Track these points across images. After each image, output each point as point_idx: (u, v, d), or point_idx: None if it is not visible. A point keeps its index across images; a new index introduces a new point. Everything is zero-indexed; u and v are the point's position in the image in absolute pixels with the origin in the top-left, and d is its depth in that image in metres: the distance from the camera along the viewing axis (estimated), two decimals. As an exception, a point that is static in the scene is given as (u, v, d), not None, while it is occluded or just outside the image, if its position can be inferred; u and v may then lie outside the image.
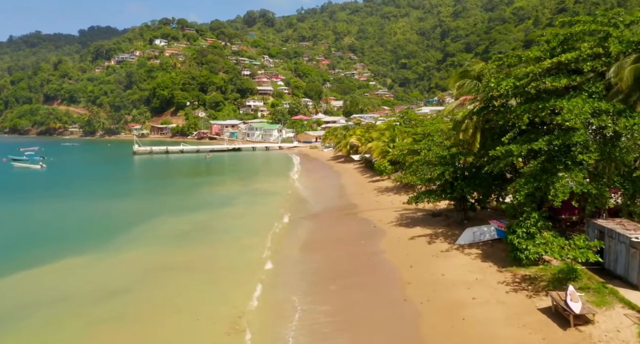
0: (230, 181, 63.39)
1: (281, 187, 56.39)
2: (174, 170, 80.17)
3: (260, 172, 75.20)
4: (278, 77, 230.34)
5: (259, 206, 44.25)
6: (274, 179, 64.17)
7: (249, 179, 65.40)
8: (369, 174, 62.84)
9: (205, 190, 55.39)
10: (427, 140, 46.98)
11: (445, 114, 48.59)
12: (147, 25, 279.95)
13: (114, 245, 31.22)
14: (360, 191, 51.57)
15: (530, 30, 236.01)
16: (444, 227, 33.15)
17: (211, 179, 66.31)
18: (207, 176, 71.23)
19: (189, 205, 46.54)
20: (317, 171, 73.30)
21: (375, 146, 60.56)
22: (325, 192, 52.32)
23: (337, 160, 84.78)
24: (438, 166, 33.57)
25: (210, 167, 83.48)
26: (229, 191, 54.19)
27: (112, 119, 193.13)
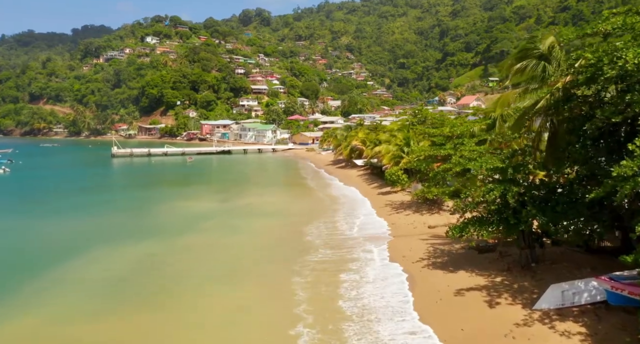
0: (209, 192, 52.37)
1: (269, 203, 45.37)
2: (149, 177, 68.96)
3: (249, 181, 64.13)
4: (273, 76, 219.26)
5: (239, 236, 33.14)
6: (264, 191, 53.17)
7: (234, 190, 54.37)
8: (376, 184, 52.04)
9: (175, 205, 44.30)
10: (452, 143, 36.44)
11: (493, 109, 38.05)
12: (139, 23, 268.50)
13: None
14: (370, 209, 40.76)
15: (533, 28, 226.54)
16: (501, 272, 22.53)
17: (188, 189, 55.22)
18: (184, 185, 60.02)
19: (146, 227, 35.60)
20: (314, 178, 62.41)
21: (384, 150, 49.80)
22: (327, 209, 41.36)
23: (337, 165, 73.94)
24: (494, 183, 22.75)
25: (191, 174, 72.33)
26: (205, 208, 43.12)
27: (98, 119, 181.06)
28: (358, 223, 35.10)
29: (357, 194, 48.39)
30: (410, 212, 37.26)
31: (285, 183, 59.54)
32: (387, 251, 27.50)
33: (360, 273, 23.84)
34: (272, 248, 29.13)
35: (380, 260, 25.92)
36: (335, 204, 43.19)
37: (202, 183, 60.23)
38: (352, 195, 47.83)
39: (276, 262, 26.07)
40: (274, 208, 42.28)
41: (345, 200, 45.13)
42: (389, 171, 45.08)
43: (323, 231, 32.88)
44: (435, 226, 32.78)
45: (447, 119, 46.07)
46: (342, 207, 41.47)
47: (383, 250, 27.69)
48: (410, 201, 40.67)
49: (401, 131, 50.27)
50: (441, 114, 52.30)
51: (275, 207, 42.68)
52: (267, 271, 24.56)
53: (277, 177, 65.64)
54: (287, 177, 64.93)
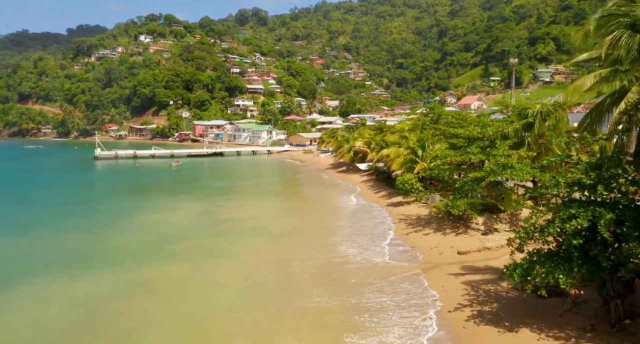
0: (190, 202, 45.02)
1: (258, 216, 38.09)
2: (129, 183, 61.39)
3: (239, 188, 56.75)
4: (270, 75, 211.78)
5: (215, 266, 25.90)
6: (254, 201, 45.87)
7: (220, 199, 47.04)
8: (384, 192, 44.84)
9: (146, 220, 36.98)
10: (477, 146, 29.50)
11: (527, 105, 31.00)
12: (133, 22, 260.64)
13: None
14: (380, 225, 33.51)
15: (534, 27, 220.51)
16: (583, 331, 15.62)
17: (166, 199, 47.76)
18: (164, 193, 52.50)
19: (99, 253, 28.38)
20: (312, 184, 55.12)
21: (394, 153, 42.66)
22: (327, 226, 34.08)
23: (337, 169, 66.71)
24: (574, 206, 15.61)
25: (175, 180, 64.79)
26: (181, 223, 35.86)
27: (87, 119, 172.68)
28: (370, 245, 27.87)
29: (364, 204, 41.15)
30: (430, 231, 30.09)
31: (279, 191, 52.28)
32: (413, 292, 20.29)
33: (380, 333, 16.60)
34: (254, 288, 21.84)
35: (406, 307, 18.70)
36: (337, 218, 35.97)
37: (185, 191, 52.78)
38: (357, 206, 40.56)
39: (255, 311, 18.80)
40: (262, 223, 35.08)
41: (349, 213, 37.91)
42: (401, 179, 37.89)
43: (321, 258, 25.61)
44: (467, 252, 25.67)
45: (470, 117, 38.92)
46: (346, 223, 34.22)
47: (408, 290, 20.48)
48: (429, 216, 33.51)
49: (413, 132, 43.04)
50: (456, 113, 45.28)
51: (264, 222, 35.49)
52: (243, 329, 17.28)
53: (271, 184, 58.29)
54: (282, 184, 57.68)
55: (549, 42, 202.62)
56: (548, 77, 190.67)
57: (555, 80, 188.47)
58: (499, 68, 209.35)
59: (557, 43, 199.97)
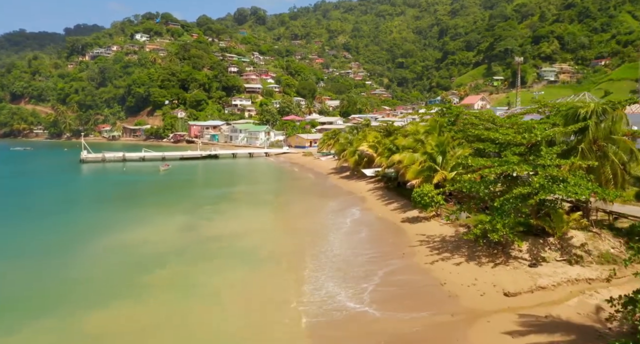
0: (173, 215, 39.04)
1: (250, 232, 32.07)
2: (110, 190, 55.16)
3: (231, 196, 50.67)
4: (268, 74, 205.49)
5: (191, 310, 19.98)
6: (247, 213, 39.81)
7: (207, 211, 41.06)
8: (396, 204, 38.85)
9: (116, 240, 30.94)
10: (512, 153, 23.75)
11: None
12: (129, 21, 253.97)
13: None
14: (397, 246, 27.49)
15: (538, 26, 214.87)
16: None
17: (147, 211, 41.54)
18: (146, 203, 46.19)
19: (46, 289, 22.38)
20: (314, 193, 49.07)
21: (407, 159, 36.69)
22: (330, 247, 28.05)
23: (340, 174, 60.67)
24: None
25: (162, 186, 58.59)
26: (157, 243, 29.84)
27: (79, 119, 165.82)
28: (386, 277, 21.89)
29: (374, 219, 35.14)
30: (461, 259, 24.12)
31: (276, 201, 46.24)
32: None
33: None
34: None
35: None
36: (341, 238, 29.95)
37: (172, 200, 46.74)
38: (367, 222, 34.52)
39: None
40: (252, 243, 29.21)
41: (358, 232, 31.89)
42: (419, 191, 31.90)
43: (319, 303, 19.64)
44: (516, 294, 19.76)
45: (498, 118, 32.93)
46: (356, 247, 28.20)
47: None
48: (455, 237, 27.57)
49: (431, 135, 37.04)
50: (479, 113, 39.24)
51: (255, 241, 29.64)
52: None
53: (267, 192, 52.22)
54: (279, 192, 51.66)
55: (553, 41, 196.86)
56: (553, 76, 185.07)
57: (560, 80, 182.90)
58: (502, 67, 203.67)
59: (562, 42, 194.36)
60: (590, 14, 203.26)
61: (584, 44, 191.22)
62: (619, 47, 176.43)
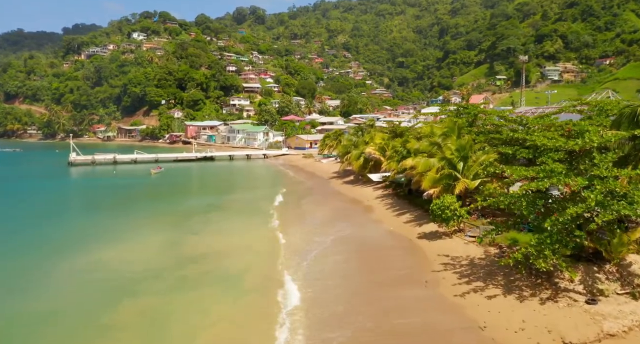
0: (157, 227, 34.56)
1: (242, 249, 27.53)
2: (93, 196, 50.55)
3: (227, 202, 46.07)
4: (267, 73, 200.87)
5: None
6: (240, 227, 35.22)
7: (196, 222, 36.57)
8: (409, 215, 34.36)
9: (82, 263, 26.22)
10: (547, 158, 19.40)
11: None
12: (127, 19, 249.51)
13: None
14: (417, 270, 22.95)
15: (540, 24, 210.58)
16: None
17: (128, 222, 36.66)
18: (129, 212, 41.49)
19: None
20: (317, 201, 44.50)
21: (422, 165, 32.22)
22: (341, 275, 23.52)
23: (343, 179, 56.14)
24: None
25: (151, 192, 53.81)
26: (132, 265, 25.30)
27: (74, 119, 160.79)
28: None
29: (386, 233, 30.65)
30: (498, 290, 19.60)
31: (273, 209, 41.67)
32: None
33: None
34: None
35: None
36: (351, 256, 25.45)
37: (157, 209, 42.18)
38: (377, 238, 30.00)
39: None
40: (241, 266, 24.78)
41: (366, 248, 27.37)
42: (439, 203, 27.43)
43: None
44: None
45: (528, 119, 28.44)
46: (367, 266, 23.71)
47: None
48: (485, 260, 23.11)
49: (449, 137, 32.56)
50: (502, 112, 34.73)
51: (245, 262, 25.25)
52: None
53: (265, 197, 47.63)
54: (277, 198, 47.10)
55: (556, 40, 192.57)
56: (556, 76, 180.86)
57: (564, 79, 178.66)
58: (504, 66, 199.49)
59: (565, 40, 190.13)
60: (594, 13, 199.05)
61: (588, 42, 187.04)
62: (624, 46, 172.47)
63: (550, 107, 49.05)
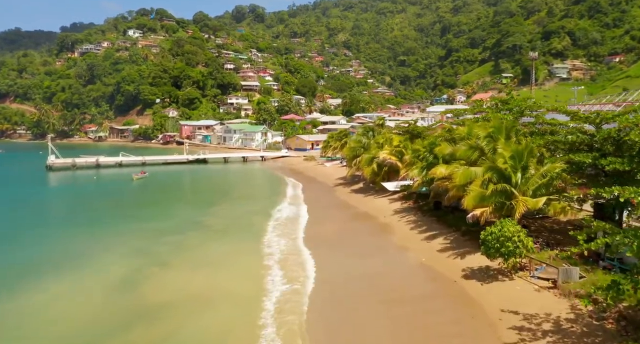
0: (122, 250, 26.68)
1: (223, 293, 19.51)
2: (59, 211, 42.64)
3: (210, 220, 37.84)
4: (266, 71, 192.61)
5: None
6: (224, 253, 27.21)
7: (171, 243, 28.78)
8: (442, 239, 26.31)
9: (16, 306, 18.27)
10: None
11: None
12: (123, 17, 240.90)
13: None
14: (475, 338, 14.98)
15: (547, 21, 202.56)
16: None
17: (87, 245, 28.62)
18: (93, 231, 33.66)
19: None
20: (321, 218, 36.44)
21: (461, 176, 24.24)
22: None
23: (351, 186, 48.13)
24: None
25: (128, 203, 45.67)
26: (71, 317, 17.23)
27: (64, 119, 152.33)
28: None
29: (415, 270, 22.71)
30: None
31: (268, 229, 33.64)
32: None
33: None
34: None
35: None
36: (370, 314, 17.47)
37: (126, 226, 34.11)
38: (407, 276, 22.04)
39: None
40: (217, 329, 16.70)
41: (393, 296, 19.40)
42: (496, 231, 19.53)
43: None
44: None
45: (606, 114, 20.62)
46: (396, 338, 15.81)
47: None
48: (579, 324, 15.20)
49: (496, 140, 24.61)
50: (560, 106, 26.95)
51: (221, 326, 17.14)
52: None
53: (258, 212, 39.55)
54: (274, 213, 39.09)
55: (564, 37, 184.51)
56: (565, 74, 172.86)
57: (572, 77, 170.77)
58: (510, 64, 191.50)
59: (573, 37, 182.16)
60: (601, 9, 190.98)
61: (596, 39, 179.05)
62: (634, 42, 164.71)
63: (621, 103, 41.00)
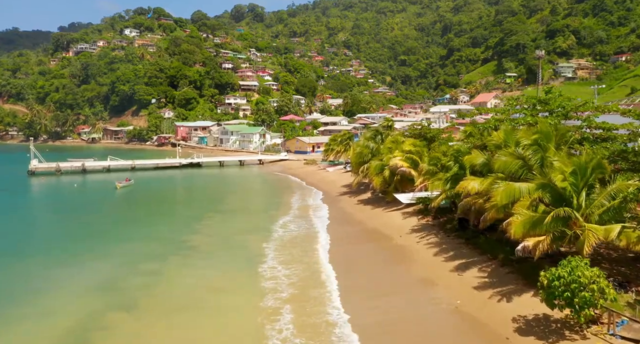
0: (85, 282, 21.40)
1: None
2: (12, 231, 37.14)
3: (196, 240, 32.54)
4: (265, 71, 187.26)
5: None
6: (205, 287, 21.92)
7: (147, 272, 23.60)
8: (475, 270, 20.91)
9: None
10: None
11: None
12: (120, 16, 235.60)
13: None
14: None
15: (551, 20, 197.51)
16: None
17: (44, 274, 23.47)
18: (57, 257, 28.41)
19: None
20: (326, 238, 31.18)
21: (503, 193, 19.03)
22: None
23: (357, 196, 42.89)
24: None
25: (102, 219, 39.94)
26: None
27: (56, 120, 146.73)
28: None
29: (445, 320, 17.53)
30: None
31: (262, 253, 28.41)
32: None
33: None
34: None
35: None
36: None
37: (93, 249, 28.78)
38: (439, 324, 16.87)
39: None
40: None
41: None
42: (565, 275, 14.34)
43: None
44: None
45: None
46: None
47: None
48: None
49: (545, 149, 19.47)
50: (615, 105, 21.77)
51: None
52: None
53: (252, 230, 34.25)
54: (270, 230, 33.89)
55: (569, 35, 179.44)
56: (570, 73, 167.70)
57: (578, 76, 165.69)
58: (514, 63, 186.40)
59: (577, 36, 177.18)
60: (606, 7, 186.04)
61: (602, 38, 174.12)
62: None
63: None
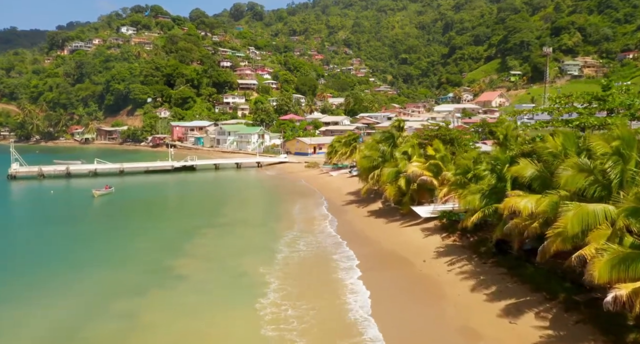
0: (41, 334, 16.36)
1: None
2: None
3: (183, 266, 27.12)
4: (265, 69, 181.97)
5: None
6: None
7: (122, 313, 18.10)
8: (530, 312, 15.53)
9: None
10: None
11: None
12: (117, 14, 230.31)
13: None
14: None
15: (555, 17, 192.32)
16: None
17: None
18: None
19: None
20: (331, 267, 26.01)
21: (573, 219, 14.35)
22: None
23: (366, 206, 37.71)
24: None
25: (67, 238, 33.44)
26: None
27: (49, 120, 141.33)
28: None
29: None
30: None
31: (269, 279, 23.33)
32: None
33: None
34: None
35: None
36: None
37: (53, 283, 23.57)
38: None
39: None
40: None
41: None
42: None
43: None
44: None
45: None
46: None
47: None
48: None
49: (626, 161, 14.30)
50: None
51: None
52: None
53: (258, 248, 29.18)
54: (280, 250, 28.80)
55: (574, 33, 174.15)
56: (576, 71, 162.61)
57: (584, 74, 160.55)
58: (518, 61, 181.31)
59: (583, 33, 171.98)
60: (611, 4, 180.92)
61: (608, 35, 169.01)
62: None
63: None
